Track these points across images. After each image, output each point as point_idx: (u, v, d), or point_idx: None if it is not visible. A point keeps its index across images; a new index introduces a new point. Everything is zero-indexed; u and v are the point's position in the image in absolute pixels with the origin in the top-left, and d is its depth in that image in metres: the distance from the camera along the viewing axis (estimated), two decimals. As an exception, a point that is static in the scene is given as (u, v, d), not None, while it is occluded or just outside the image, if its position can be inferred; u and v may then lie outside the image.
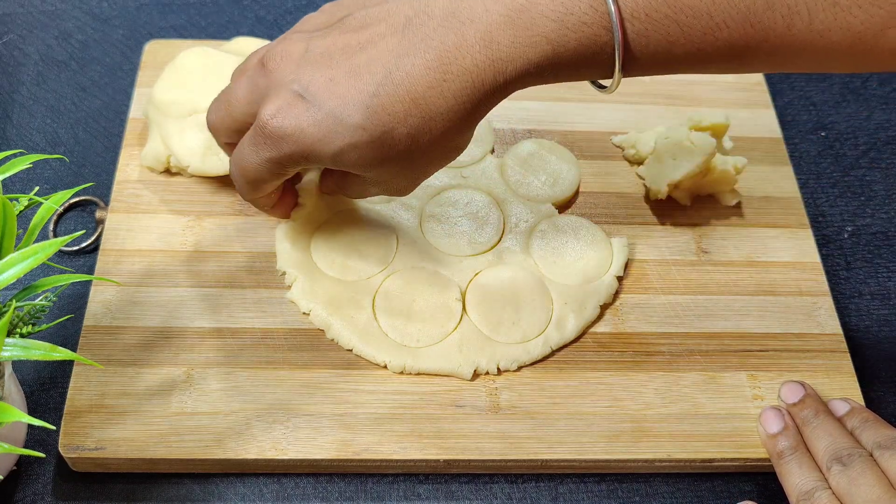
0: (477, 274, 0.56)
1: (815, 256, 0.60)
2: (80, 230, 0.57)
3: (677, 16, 0.41)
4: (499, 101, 0.45)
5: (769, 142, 0.65)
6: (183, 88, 0.58)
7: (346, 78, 0.43)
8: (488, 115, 0.45)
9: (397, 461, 0.50)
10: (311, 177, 0.56)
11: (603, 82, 0.47)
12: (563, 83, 0.45)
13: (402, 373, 0.52)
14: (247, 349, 0.53)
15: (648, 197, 0.61)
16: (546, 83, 0.44)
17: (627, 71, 0.43)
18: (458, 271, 0.56)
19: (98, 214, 0.59)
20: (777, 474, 0.50)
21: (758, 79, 0.69)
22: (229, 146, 0.50)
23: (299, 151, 0.45)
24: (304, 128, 0.44)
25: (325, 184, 0.55)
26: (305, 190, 0.56)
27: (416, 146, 0.44)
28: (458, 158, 0.48)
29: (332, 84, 0.43)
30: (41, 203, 0.45)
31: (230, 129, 0.48)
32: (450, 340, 0.53)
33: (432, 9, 0.43)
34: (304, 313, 0.54)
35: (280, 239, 0.56)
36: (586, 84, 0.48)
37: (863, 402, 0.53)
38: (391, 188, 0.49)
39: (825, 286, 0.58)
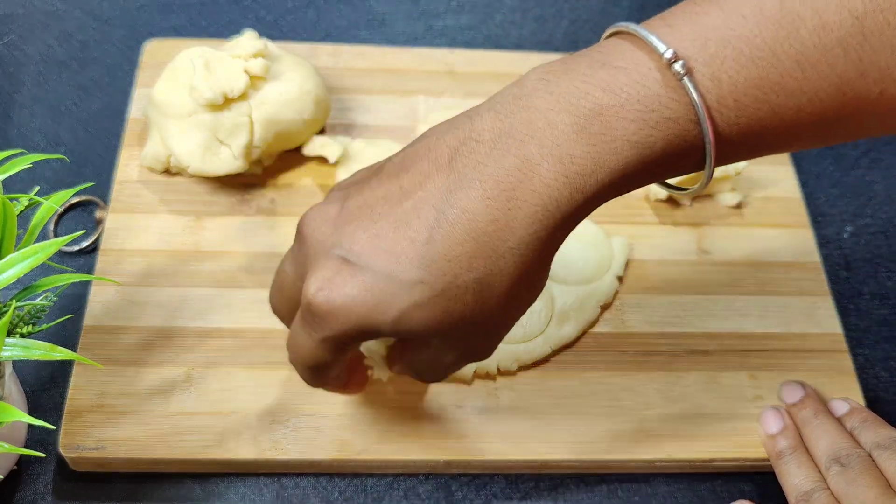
0: (477, 274, 0.56)
1: (815, 256, 0.60)
2: (80, 230, 0.56)
3: (768, 97, 0.36)
4: (577, 224, 0.39)
5: (769, 142, 0.65)
6: (183, 89, 0.58)
7: (394, 230, 0.37)
8: None
9: (397, 461, 0.50)
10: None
11: (680, 183, 0.41)
12: None
13: (402, 373, 0.52)
14: (247, 349, 0.53)
15: (648, 197, 0.61)
16: (629, 192, 0.39)
17: (718, 163, 0.38)
18: (458, 271, 0.56)
19: (98, 214, 0.59)
20: (776, 474, 0.50)
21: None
22: None
23: (355, 326, 0.38)
24: (354, 297, 0.37)
25: (394, 364, 0.47)
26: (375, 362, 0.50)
27: (487, 293, 0.37)
28: None
29: (377, 240, 0.37)
30: (41, 203, 0.45)
31: (293, 311, 0.42)
32: (450, 340, 0.53)
33: (480, 133, 0.37)
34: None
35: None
36: None
37: (863, 403, 0.53)
38: (468, 351, 0.41)
39: (825, 286, 0.58)
